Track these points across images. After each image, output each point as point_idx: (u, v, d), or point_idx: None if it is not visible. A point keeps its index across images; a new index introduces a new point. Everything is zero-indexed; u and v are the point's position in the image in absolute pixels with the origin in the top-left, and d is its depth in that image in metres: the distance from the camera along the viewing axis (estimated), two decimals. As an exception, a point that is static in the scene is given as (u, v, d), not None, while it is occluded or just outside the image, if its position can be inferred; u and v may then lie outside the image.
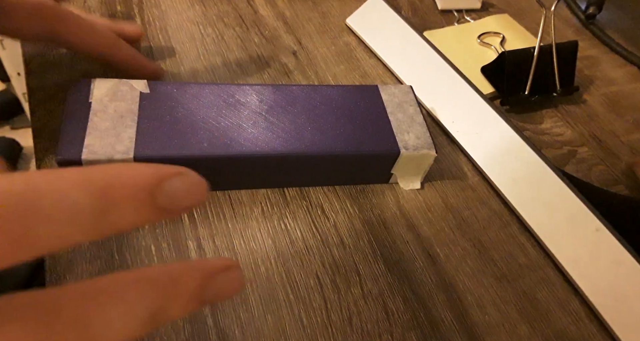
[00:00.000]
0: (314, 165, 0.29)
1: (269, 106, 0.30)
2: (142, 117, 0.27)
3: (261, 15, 0.42)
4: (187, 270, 0.14)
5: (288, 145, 0.28)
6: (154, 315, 0.13)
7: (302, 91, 0.31)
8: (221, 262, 0.15)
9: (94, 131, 0.26)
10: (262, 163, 0.28)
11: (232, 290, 0.15)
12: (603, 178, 0.36)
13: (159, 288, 0.13)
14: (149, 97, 0.28)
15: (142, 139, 0.26)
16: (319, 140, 0.28)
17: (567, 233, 0.29)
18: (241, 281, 0.16)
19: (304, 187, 0.31)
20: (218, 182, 0.29)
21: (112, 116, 0.27)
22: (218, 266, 0.15)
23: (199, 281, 0.14)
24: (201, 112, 0.28)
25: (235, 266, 0.16)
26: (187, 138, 0.27)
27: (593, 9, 0.47)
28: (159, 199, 0.13)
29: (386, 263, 0.28)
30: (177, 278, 0.14)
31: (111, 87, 0.28)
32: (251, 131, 0.28)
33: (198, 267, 0.15)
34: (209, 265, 0.15)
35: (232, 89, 0.30)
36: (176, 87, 0.29)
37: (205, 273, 0.15)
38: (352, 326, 0.26)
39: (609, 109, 0.41)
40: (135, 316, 0.13)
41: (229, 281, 0.15)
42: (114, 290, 0.13)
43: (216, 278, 0.15)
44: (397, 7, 0.45)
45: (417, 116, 0.31)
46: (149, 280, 0.13)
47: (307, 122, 0.29)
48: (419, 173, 0.31)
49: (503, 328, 0.27)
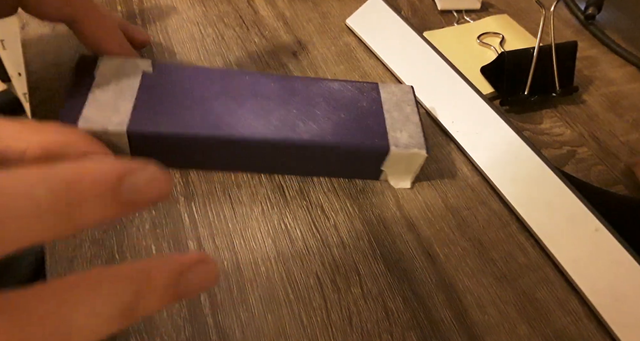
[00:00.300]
0: (303, 153, 0.29)
1: (267, 94, 0.30)
2: (141, 94, 0.28)
3: (261, 16, 0.42)
4: (159, 265, 0.15)
5: (278, 132, 0.28)
6: (127, 309, 0.13)
7: (302, 82, 0.31)
8: (194, 256, 0.16)
9: (94, 102, 0.27)
10: (250, 147, 0.29)
11: (206, 283, 0.16)
12: (602, 178, 0.36)
13: (132, 284, 0.14)
14: (151, 75, 0.29)
15: (138, 114, 0.27)
16: (311, 129, 0.29)
17: (566, 233, 0.29)
18: (215, 274, 0.16)
19: (293, 175, 0.31)
20: (208, 162, 0.30)
21: (113, 90, 0.28)
22: (191, 260, 0.16)
23: (171, 276, 0.15)
24: (199, 93, 0.29)
25: (208, 260, 0.16)
26: (181, 117, 0.28)
27: (592, 10, 0.47)
28: (123, 193, 0.13)
29: (386, 263, 0.28)
30: (150, 273, 0.14)
31: (116, 63, 0.29)
32: (244, 116, 0.29)
33: (171, 262, 0.15)
34: (182, 259, 0.15)
35: (233, 75, 0.31)
36: (179, 68, 0.30)
37: (178, 268, 0.15)
38: (352, 326, 0.26)
39: (609, 109, 0.41)
40: (107, 311, 0.13)
41: (202, 275, 0.16)
42: (85, 286, 0.13)
43: (189, 272, 0.15)
44: (397, 7, 0.45)
45: (413, 116, 0.31)
46: (121, 275, 0.14)
47: (302, 111, 0.30)
48: (409, 172, 0.31)
49: (503, 327, 0.27)
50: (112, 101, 0.27)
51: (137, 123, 0.27)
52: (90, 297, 0.13)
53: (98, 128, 0.26)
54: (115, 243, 0.27)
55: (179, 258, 0.15)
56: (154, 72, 0.30)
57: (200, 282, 0.16)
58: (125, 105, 0.27)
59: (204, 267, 0.16)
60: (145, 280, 0.14)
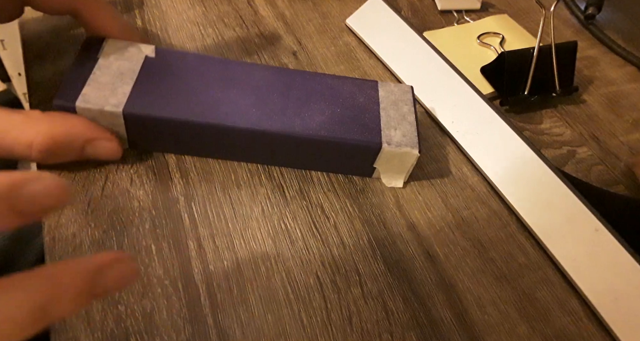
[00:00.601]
0: (296, 146, 0.30)
1: (265, 85, 0.30)
2: (141, 77, 0.29)
3: (261, 16, 0.42)
4: (70, 268, 0.15)
5: (271, 123, 0.29)
6: (39, 313, 0.14)
7: (301, 76, 0.32)
8: (109, 256, 0.16)
9: (94, 83, 0.28)
10: (242, 136, 0.29)
11: (123, 282, 0.16)
12: (602, 178, 0.36)
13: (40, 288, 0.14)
14: (153, 61, 0.30)
15: (135, 97, 0.28)
16: (304, 122, 0.29)
17: (566, 233, 0.29)
18: (133, 272, 0.17)
19: (287, 167, 0.32)
20: (201, 149, 0.30)
21: (114, 72, 0.28)
22: (106, 261, 0.16)
23: (84, 277, 0.15)
24: (198, 80, 0.30)
25: (125, 258, 0.17)
26: (177, 102, 0.28)
27: (592, 10, 0.47)
28: (19, 203, 0.14)
29: (386, 263, 0.28)
30: (60, 277, 0.15)
31: (121, 47, 0.30)
32: (240, 105, 0.29)
33: (83, 264, 0.16)
34: (95, 260, 0.16)
35: (234, 65, 0.31)
36: (181, 55, 0.31)
37: (91, 269, 0.16)
38: (352, 326, 0.26)
39: (609, 109, 0.41)
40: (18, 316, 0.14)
41: (119, 274, 0.16)
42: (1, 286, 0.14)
43: (105, 272, 0.16)
44: (397, 7, 0.45)
45: (409, 115, 0.31)
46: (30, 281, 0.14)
47: (298, 104, 0.30)
48: (402, 171, 0.31)
49: (502, 327, 0.27)
50: (112, 83, 0.28)
51: (133, 105, 0.27)
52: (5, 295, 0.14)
53: (95, 107, 0.27)
54: (115, 243, 0.27)
55: (92, 260, 0.16)
56: (156, 57, 0.30)
57: (117, 281, 0.16)
58: (124, 88, 0.28)
59: (121, 266, 0.16)
60: (55, 284, 0.15)
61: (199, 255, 0.27)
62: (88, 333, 0.23)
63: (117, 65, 0.29)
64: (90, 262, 0.16)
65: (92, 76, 0.28)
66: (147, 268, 0.26)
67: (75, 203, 0.28)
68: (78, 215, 0.27)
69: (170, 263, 0.26)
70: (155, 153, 0.31)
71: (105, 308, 0.24)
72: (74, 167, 0.29)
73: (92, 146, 0.27)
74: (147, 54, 0.30)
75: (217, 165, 0.31)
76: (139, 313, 0.24)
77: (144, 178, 0.30)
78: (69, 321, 0.24)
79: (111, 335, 0.24)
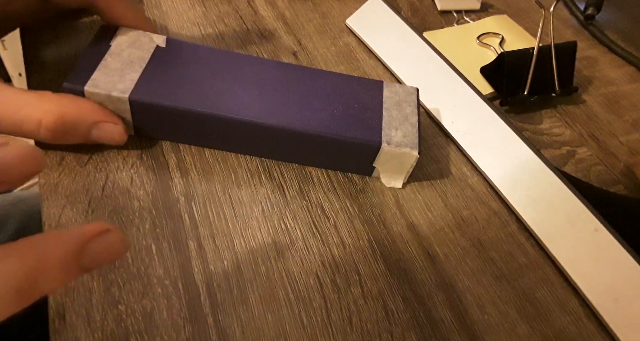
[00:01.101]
0: (296, 141, 0.30)
1: (270, 80, 0.31)
2: (149, 66, 0.29)
3: (261, 16, 0.42)
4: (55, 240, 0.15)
5: (272, 117, 0.29)
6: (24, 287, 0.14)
7: (307, 72, 0.32)
8: (96, 226, 0.16)
9: (104, 68, 0.29)
10: (242, 129, 0.29)
11: (112, 254, 0.16)
12: (602, 178, 0.36)
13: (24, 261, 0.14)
14: (164, 50, 0.31)
15: (142, 84, 0.28)
16: (305, 118, 0.29)
17: (566, 233, 0.29)
18: (122, 244, 0.16)
19: (286, 162, 0.32)
20: (202, 139, 0.31)
21: (124, 59, 0.29)
22: (93, 231, 0.16)
23: (70, 249, 0.15)
24: (205, 72, 0.30)
25: (113, 230, 0.16)
26: (183, 92, 0.29)
27: (592, 10, 0.47)
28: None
29: (386, 263, 0.28)
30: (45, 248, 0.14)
31: (133, 35, 0.31)
32: (244, 98, 0.29)
33: (69, 235, 0.15)
34: (84, 231, 0.15)
35: (242, 58, 0.32)
36: (191, 46, 0.32)
37: (78, 240, 0.15)
38: (352, 326, 0.26)
39: (608, 109, 0.41)
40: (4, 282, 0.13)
41: (107, 245, 0.16)
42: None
43: (92, 244, 0.15)
44: (396, 7, 0.45)
45: (412, 116, 0.31)
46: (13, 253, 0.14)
47: (300, 100, 0.30)
48: (401, 172, 0.31)
49: (502, 327, 0.27)
50: (121, 69, 0.29)
51: (139, 92, 0.28)
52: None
53: (103, 92, 0.28)
54: (115, 243, 0.27)
55: (79, 231, 0.15)
56: (167, 47, 0.31)
57: (105, 253, 0.16)
58: (133, 75, 0.29)
59: (109, 237, 0.16)
60: (40, 256, 0.14)
61: (199, 255, 0.27)
62: (88, 333, 0.23)
63: (128, 53, 0.30)
64: (78, 232, 0.15)
65: (103, 62, 0.29)
66: (147, 268, 0.26)
67: (75, 204, 0.28)
68: (78, 215, 0.27)
69: (170, 263, 0.26)
70: (156, 153, 0.31)
71: (105, 308, 0.24)
72: (75, 167, 0.29)
73: (98, 128, 0.28)
74: (158, 44, 0.31)
75: (218, 165, 0.31)
76: (139, 313, 0.24)
77: (144, 178, 0.30)
78: (69, 321, 0.24)
79: (111, 335, 0.24)
